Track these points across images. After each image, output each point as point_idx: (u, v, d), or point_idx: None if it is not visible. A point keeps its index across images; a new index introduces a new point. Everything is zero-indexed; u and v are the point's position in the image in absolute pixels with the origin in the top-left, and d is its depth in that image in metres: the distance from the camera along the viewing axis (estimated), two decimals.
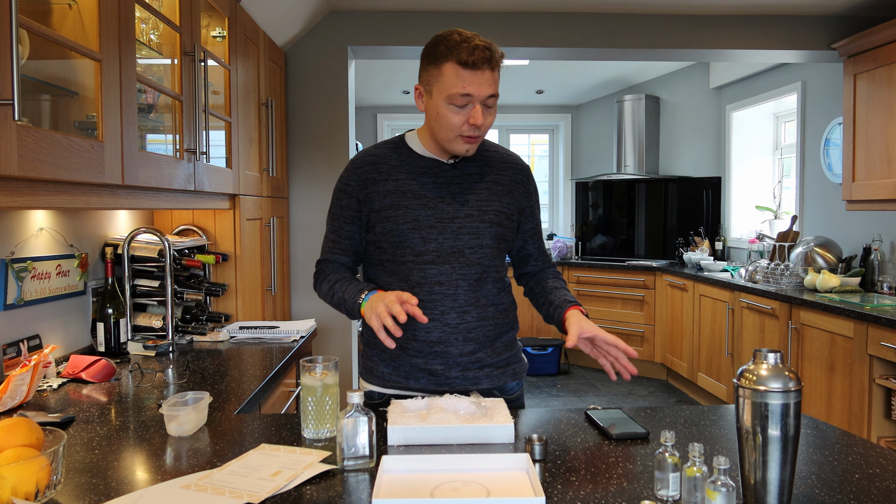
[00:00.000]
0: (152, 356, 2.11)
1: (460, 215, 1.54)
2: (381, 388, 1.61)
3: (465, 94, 1.43)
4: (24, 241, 1.87)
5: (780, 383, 0.98)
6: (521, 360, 1.68)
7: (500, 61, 1.46)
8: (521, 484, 1.10)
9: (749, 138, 5.27)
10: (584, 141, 6.97)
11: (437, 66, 1.45)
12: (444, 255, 1.52)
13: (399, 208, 1.53)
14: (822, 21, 3.83)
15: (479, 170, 1.60)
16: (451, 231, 1.53)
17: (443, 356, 1.54)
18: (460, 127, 1.47)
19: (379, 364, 1.60)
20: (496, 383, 1.60)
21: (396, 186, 1.54)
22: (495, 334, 1.60)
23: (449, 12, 3.72)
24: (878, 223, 3.82)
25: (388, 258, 1.56)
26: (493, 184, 1.59)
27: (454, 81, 1.43)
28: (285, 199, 3.66)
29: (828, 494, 1.08)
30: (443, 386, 1.55)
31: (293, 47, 3.71)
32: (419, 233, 1.52)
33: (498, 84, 1.48)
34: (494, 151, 1.66)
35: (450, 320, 1.53)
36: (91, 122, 1.61)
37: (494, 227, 1.56)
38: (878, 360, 2.96)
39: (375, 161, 1.58)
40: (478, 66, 1.42)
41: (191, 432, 1.36)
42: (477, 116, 1.45)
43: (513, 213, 1.61)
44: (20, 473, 0.98)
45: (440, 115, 1.48)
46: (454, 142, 1.50)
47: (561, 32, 3.79)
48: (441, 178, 1.56)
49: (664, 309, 5.23)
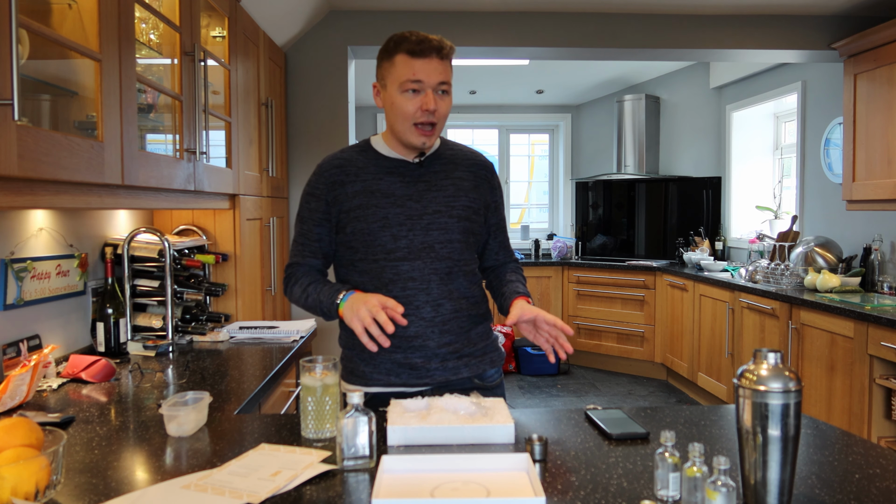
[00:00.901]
0: (152, 356, 2.11)
1: (429, 211, 1.58)
2: (365, 388, 1.62)
3: (415, 79, 1.51)
4: (23, 241, 1.87)
5: (781, 383, 0.98)
6: (498, 349, 1.74)
7: (449, 53, 1.55)
8: (521, 484, 1.10)
9: (749, 138, 5.27)
10: (584, 141, 6.97)
11: (390, 59, 1.55)
12: (414, 251, 1.56)
13: (368, 207, 1.57)
14: (822, 21, 3.83)
15: (444, 167, 1.65)
16: (420, 227, 1.57)
17: (421, 349, 1.58)
18: (413, 114, 1.53)
19: (360, 364, 1.63)
20: (475, 371, 1.65)
21: (365, 187, 1.59)
22: (470, 325, 1.65)
23: (449, 12, 3.72)
24: (878, 223, 3.82)
25: (359, 257, 1.60)
26: (459, 180, 1.65)
27: (404, 70, 1.52)
28: (285, 199, 3.66)
29: (828, 494, 1.07)
30: (423, 379, 1.59)
31: (293, 47, 3.71)
32: (389, 230, 1.56)
33: (449, 75, 1.55)
34: (458, 150, 1.72)
35: (425, 314, 1.57)
36: (91, 122, 1.61)
37: (463, 222, 1.61)
38: (878, 360, 2.96)
39: (342, 164, 1.63)
40: (425, 54, 1.51)
41: (191, 432, 1.36)
42: (429, 102, 1.51)
43: (479, 207, 1.67)
44: (20, 473, 0.98)
45: (395, 105, 1.55)
46: (410, 132, 1.55)
47: (561, 32, 3.79)
48: (408, 176, 1.61)
49: (664, 309, 5.23)
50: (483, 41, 3.77)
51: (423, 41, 1.51)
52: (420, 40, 1.51)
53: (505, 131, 7.09)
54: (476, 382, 1.66)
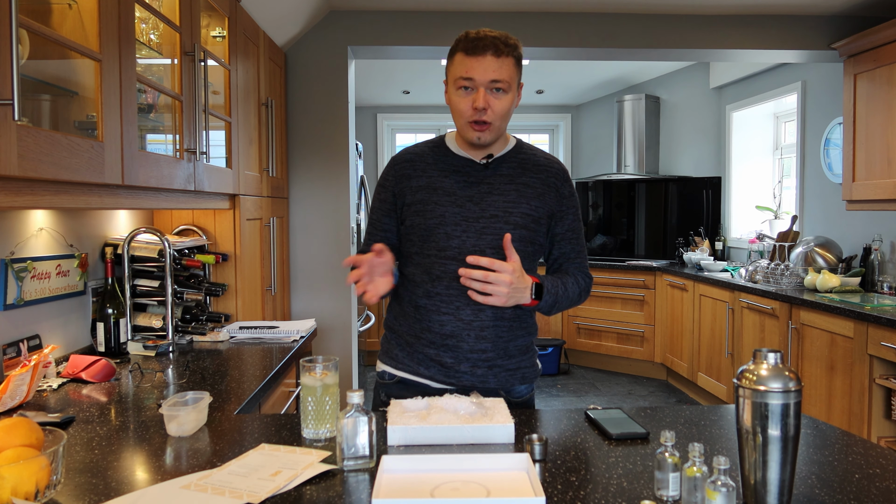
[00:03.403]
0: (152, 356, 2.11)
1: (485, 215, 1.57)
2: (394, 370, 1.65)
3: (466, 77, 1.50)
4: (24, 241, 1.87)
5: (780, 383, 0.98)
6: (534, 366, 1.68)
7: (509, 49, 1.50)
8: (521, 484, 1.10)
9: (749, 138, 5.27)
10: (584, 141, 6.97)
11: (451, 57, 1.56)
12: (465, 252, 1.54)
13: (428, 203, 1.58)
14: (822, 21, 3.83)
15: (511, 171, 1.62)
16: (474, 230, 1.56)
17: (454, 350, 1.57)
18: (465, 112, 1.53)
19: (395, 347, 1.66)
20: (503, 384, 1.61)
21: (428, 182, 1.60)
22: (510, 336, 1.60)
23: (449, 12, 3.72)
24: (878, 223, 3.82)
25: (415, 251, 1.61)
26: (524, 186, 1.61)
27: (459, 68, 1.52)
28: (285, 199, 3.66)
29: (828, 494, 1.07)
30: (451, 378, 1.58)
31: (293, 47, 3.71)
32: (444, 229, 1.56)
33: (506, 72, 1.51)
34: (531, 154, 1.68)
35: (464, 316, 1.56)
36: (91, 122, 1.61)
37: (519, 230, 1.57)
38: (878, 360, 2.96)
39: (413, 158, 1.65)
40: (478, 52, 1.49)
41: (191, 432, 1.36)
42: (478, 100, 1.50)
43: (541, 216, 1.62)
44: (20, 473, 0.98)
45: (451, 103, 1.57)
46: (465, 129, 1.56)
47: (561, 32, 3.79)
48: (472, 177, 1.60)
49: (664, 309, 5.23)
50: None
51: (479, 39, 1.49)
52: (476, 38, 1.49)
53: None
54: (502, 395, 1.61)
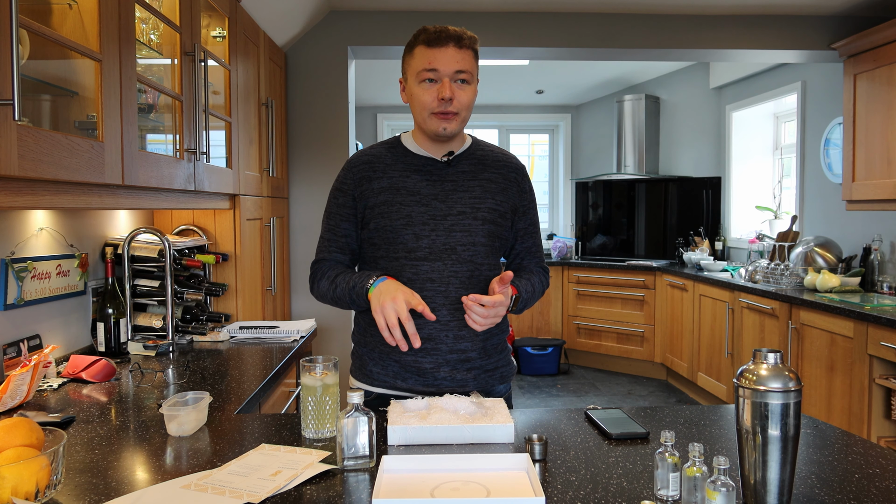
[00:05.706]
0: (152, 356, 2.11)
1: (453, 212, 1.56)
2: (370, 387, 1.61)
3: (430, 69, 1.50)
4: (24, 241, 1.87)
5: (780, 383, 0.98)
6: (510, 364, 1.70)
7: (469, 42, 1.52)
8: (521, 484, 1.10)
9: (749, 138, 5.27)
10: (584, 141, 6.97)
11: (410, 51, 1.55)
12: (436, 251, 1.54)
13: (393, 205, 1.55)
14: (822, 21, 3.83)
15: (472, 168, 1.62)
16: (443, 228, 1.55)
17: (433, 353, 1.55)
18: (431, 104, 1.52)
19: (368, 363, 1.62)
20: (483, 387, 1.61)
21: (390, 183, 1.57)
22: (487, 334, 1.60)
23: (449, 12, 3.72)
24: (878, 223, 3.82)
25: (381, 254, 1.58)
26: (487, 182, 1.61)
27: (421, 60, 1.52)
28: (285, 199, 3.66)
29: (828, 494, 1.08)
30: (430, 386, 1.56)
31: (293, 47, 3.71)
32: (412, 229, 1.54)
33: (468, 64, 1.53)
34: (489, 151, 1.68)
35: (441, 317, 1.54)
36: (91, 122, 1.61)
37: (487, 225, 1.58)
38: (878, 360, 2.96)
39: (371, 160, 1.61)
40: (441, 43, 1.50)
41: (191, 432, 1.36)
42: (444, 90, 1.50)
43: (506, 211, 1.62)
44: (20, 473, 0.98)
45: (414, 97, 1.55)
46: (430, 121, 1.54)
47: (561, 32, 3.79)
48: (435, 175, 1.59)
49: (664, 309, 5.23)
50: (483, 41, 3.77)
51: (441, 31, 1.50)
52: (437, 30, 1.50)
53: (505, 131, 7.09)
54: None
